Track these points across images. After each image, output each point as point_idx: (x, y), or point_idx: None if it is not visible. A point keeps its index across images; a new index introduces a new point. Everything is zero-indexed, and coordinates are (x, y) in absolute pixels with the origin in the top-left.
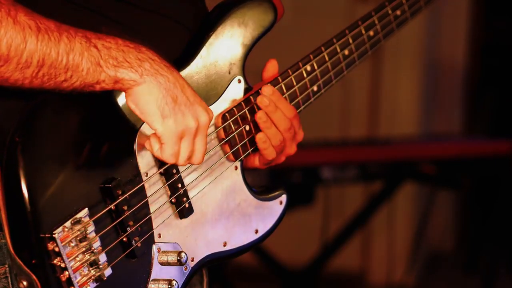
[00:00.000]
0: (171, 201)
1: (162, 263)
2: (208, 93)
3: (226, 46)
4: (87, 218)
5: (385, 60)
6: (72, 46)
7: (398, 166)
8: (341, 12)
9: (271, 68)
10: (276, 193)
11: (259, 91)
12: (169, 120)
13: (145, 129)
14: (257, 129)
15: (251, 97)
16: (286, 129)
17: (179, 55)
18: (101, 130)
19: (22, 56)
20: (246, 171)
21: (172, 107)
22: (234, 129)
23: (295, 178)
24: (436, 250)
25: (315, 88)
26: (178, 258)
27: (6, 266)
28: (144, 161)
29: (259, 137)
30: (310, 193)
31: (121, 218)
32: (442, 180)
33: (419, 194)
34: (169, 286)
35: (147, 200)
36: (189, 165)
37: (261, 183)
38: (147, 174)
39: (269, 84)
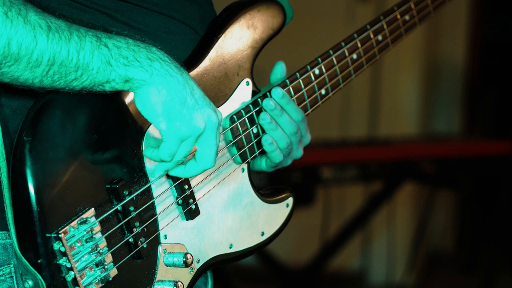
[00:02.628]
0: (177, 203)
1: (167, 264)
2: (216, 95)
3: (234, 48)
4: (94, 218)
5: (385, 60)
6: (82, 45)
7: (398, 166)
8: (341, 12)
9: (279, 70)
10: (283, 195)
11: (268, 93)
12: (176, 122)
13: (152, 130)
14: (265, 131)
15: (258, 99)
16: (293, 133)
17: (187, 56)
18: (109, 130)
19: (33, 55)
20: (252, 173)
21: (180, 110)
22: (241, 131)
23: (295, 178)
24: (436, 250)
25: (323, 91)
26: (184, 259)
27: (12, 265)
28: (152, 162)
29: (265, 138)
30: (310, 193)
31: (127, 219)
32: (442, 180)
33: (419, 194)
34: None
35: (154, 201)
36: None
37: (261, 183)
38: (154, 175)
39: (278, 87)
